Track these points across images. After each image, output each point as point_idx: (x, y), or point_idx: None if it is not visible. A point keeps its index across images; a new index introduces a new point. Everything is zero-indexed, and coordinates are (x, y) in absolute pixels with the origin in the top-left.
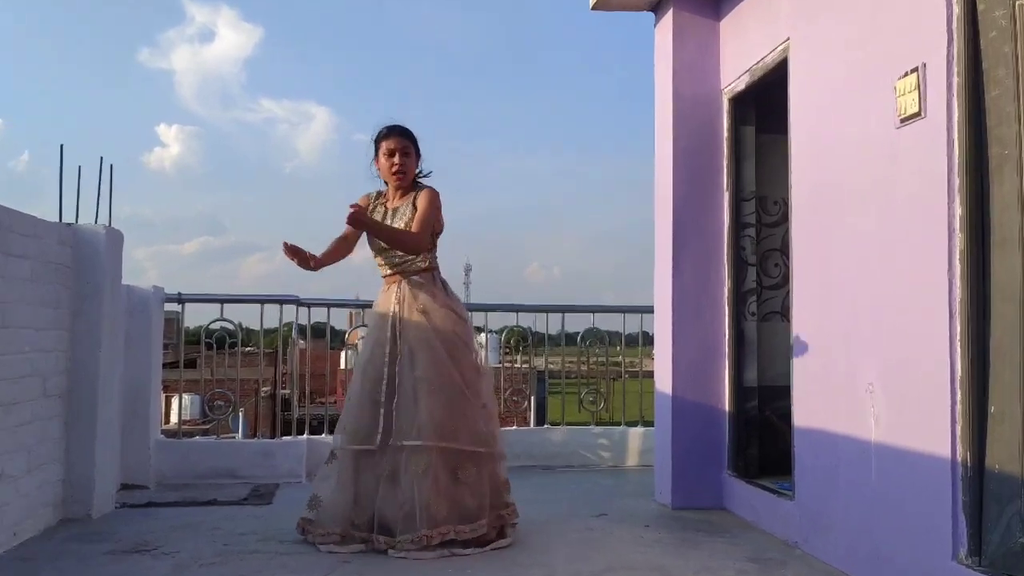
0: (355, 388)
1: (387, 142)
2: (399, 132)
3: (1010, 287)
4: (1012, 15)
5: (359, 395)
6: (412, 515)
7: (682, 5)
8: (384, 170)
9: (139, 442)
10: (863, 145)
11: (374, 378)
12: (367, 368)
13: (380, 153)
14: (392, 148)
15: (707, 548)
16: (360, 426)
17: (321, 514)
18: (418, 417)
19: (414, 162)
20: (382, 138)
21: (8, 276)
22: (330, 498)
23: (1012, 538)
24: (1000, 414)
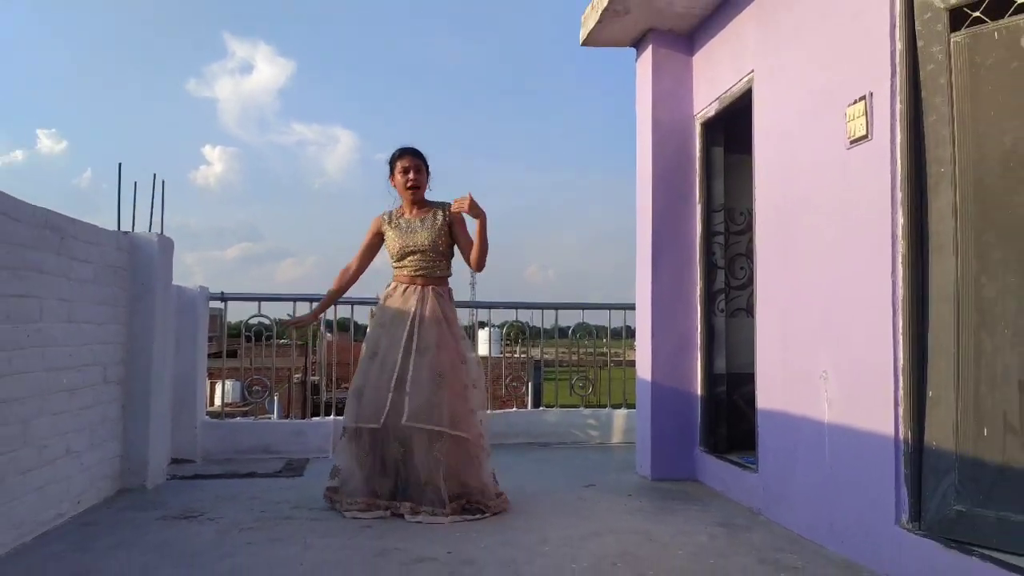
0: (370, 378)
1: (401, 161)
2: (411, 152)
3: (945, 288)
4: (947, 51)
5: (375, 383)
6: (432, 490)
7: (660, 42)
8: (400, 186)
9: (187, 422)
10: (818, 163)
11: (390, 367)
12: (385, 357)
13: (396, 171)
14: (407, 166)
15: (682, 514)
16: (374, 407)
17: (342, 483)
18: (438, 407)
19: (425, 178)
20: (396, 158)
21: (73, 278)
22: (349, 469)
23: (947, 506)
24: (937, 398)
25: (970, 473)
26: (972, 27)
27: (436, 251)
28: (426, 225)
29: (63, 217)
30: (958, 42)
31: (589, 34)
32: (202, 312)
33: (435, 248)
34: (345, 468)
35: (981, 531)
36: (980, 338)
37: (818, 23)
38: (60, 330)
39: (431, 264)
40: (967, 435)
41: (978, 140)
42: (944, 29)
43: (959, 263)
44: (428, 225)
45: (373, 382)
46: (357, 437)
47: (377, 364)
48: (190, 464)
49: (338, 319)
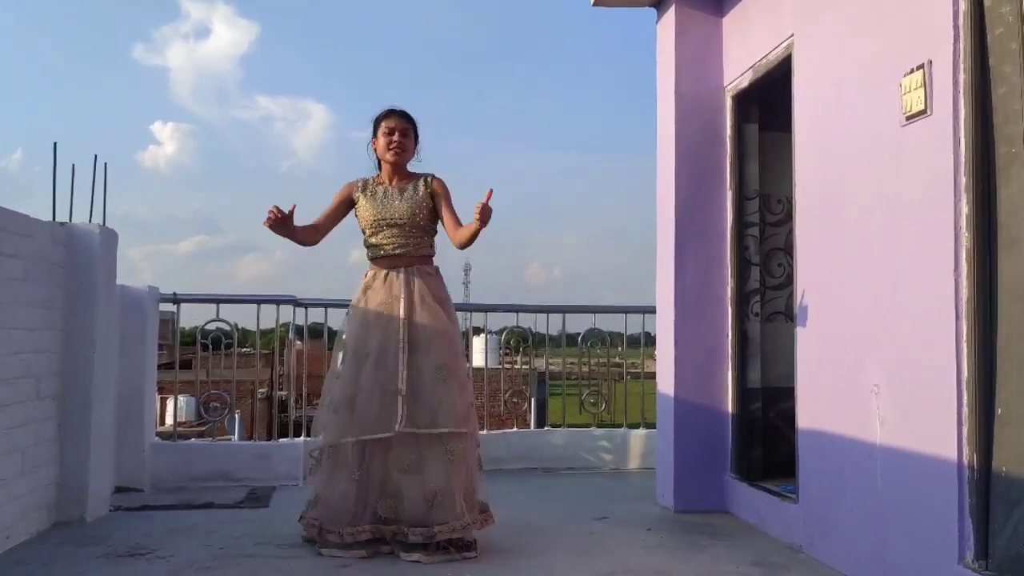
0: (362, 382)
1: (388, 121)
2: (400, 113)
3: (1018, 287)
4: (1019, 11)
5: (372, 388)
6: (446, 504)
7: (684, 1)
8: (381, 147)
9: (134, 444)
10: (868, 143)
11: (391, 368)
12: (381, 358)
13: (379, 132)
14: (392, 127)
15: (710, 552)
16: (378, 416)
17: (325, 513)
18: (444, 404)
19: (412, 144)
20: (383, 118)
21: (0, 276)
22: (335, 495)
23: (1019, 541)
24: (1007, 416)
25: None
26: None
27: (416, 225)
28: (406, 196)
29: None
30: None
31: None
32: (151, 316)
33: (414, 222)
34: (331, 494)
35: None
36: None
37: None
38: None
39: (411, 240)
40: None
41: None
42: None
43: None
44: (408, 196)
45: (368, 388)
46: (339, 455)
47: (370, 367)
48: (137, 493)
49: (310, 323)
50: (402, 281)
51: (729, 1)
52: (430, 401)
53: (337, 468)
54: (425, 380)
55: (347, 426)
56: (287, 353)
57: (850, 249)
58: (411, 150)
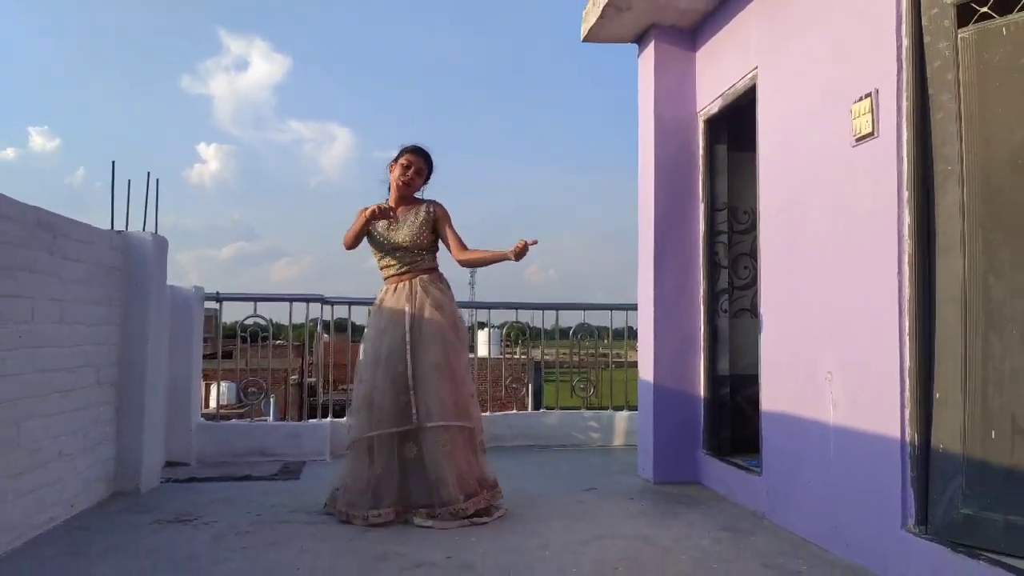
0: (379, 384)
1: (408, 156)
2: (421, 154)
3: (953, 288)
4: (955, 46)
5: (387, 388)
6: (443, 489)
7: (662, 38)
8: (394, 178)
9: (182, 424)
10: (823, 161)
11: (400, 369)
12: (389, 360)
13: (398, 163)
14: (409, 163)
15: (685, 518)
16: (392, 411)
17: (353, 498)
18: (438, 400)
19: (421, 183)
20: (408, 151)
21: (65, 278)
22: (362, 483)
23: (955, 509)
24: (944, 400)
25: (978, 476)
26: (980, 23)
27: (418, 247)
28: (407, 222)
29: (55, 216)
30: (965, 38)
31: (590, 30)
32: (197, 312)
33: (416, 245)
34: (356, 481)
35: (989, 535)
36: (988, 339)
37: (823, 18)
38: (52, 331)
39: (416, 259)
40: (975, 438)
41: (986, 138)
42: (951, 25)
43: (967, 263)
44: (410, 222)
45: (383, 387)
46: (371, 446)
47: (382, 369)
48: (185, 467)
49: (335, 319)
50: (407, 292)
51: (701, 37)
52: (428, 396)
53: (362, 459)
54: (425, 377)
55: (368, 423)
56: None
57: (807, 254)
58: (417, 186)
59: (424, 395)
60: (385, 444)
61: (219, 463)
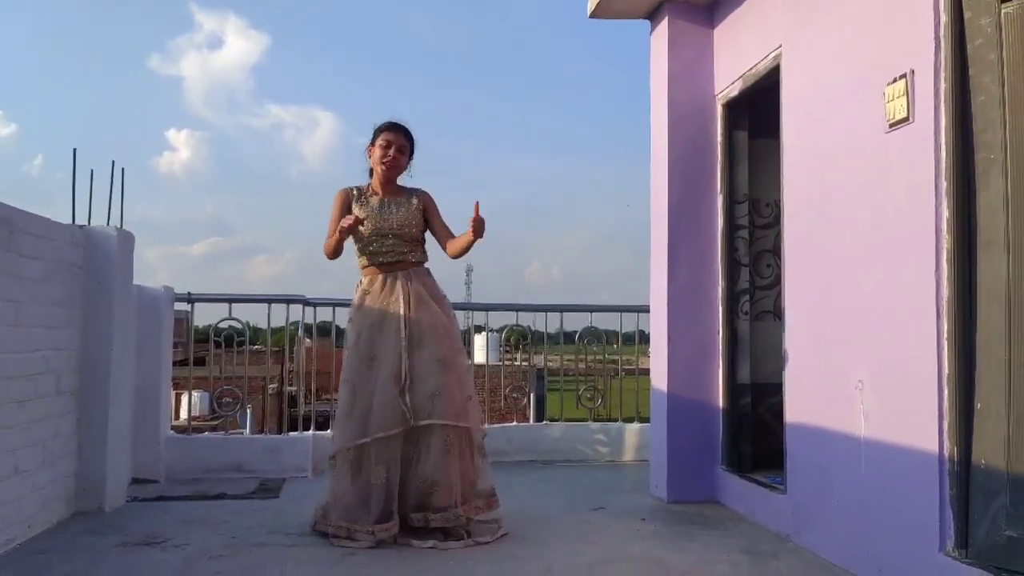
0: (377, 382)
1: (387, 134)
2: (400, 129)
3: (995, 287)
4: (998, 23)
5: (386, 385)
6: (437, 493)
7: (677, 13)
8: (375, 158)
9: (150, 438)
10: (853, 149)
11: (397, 366)
12: (387, 358)
13: (377, 142)
14: (389, 141)
15: (702, 540)
16: (389, 413)
17: (352, 513)
18: (440, 397)
19: (406, 161)
20: (384, 130)
21: (22, 276)
22: (353, 492)
23: (998, 530)
24: (986, 410)
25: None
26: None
27: (410, 236)
28: (401, 208)
29: (11, 209)
30: (1009, 13)
31: (598, 4)
32: (166, 314)
33: (410, 233)
34: (347, 494)
35: None
36: None
37: None
38: (7, 335)
39: (406, 249)
40: (1020, 451)
41: None
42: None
43: (1011, 260)
44: (404, 209)
45: (381, 388)
46: (364, 455)
47: (378, 368)
48: (153, 484)
49: (318, 322)
50: (400, 283)
51: (720, 13)
52: (429, 391)
53: (351, 470)
54: (424, 371)
55: (361, 428)
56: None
57: (836, 251)
58: (403, 166)
59: (423, 392)
60: (384, 450)
61: (190, 480)
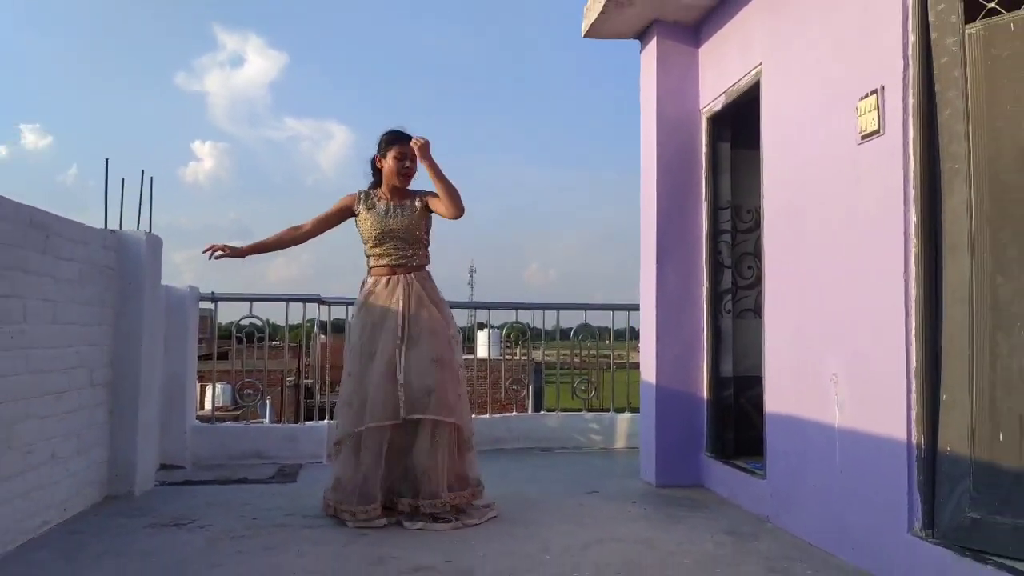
0: (372, 376)
1: (400, 146)
2: (409, 138)
3: (960, 288)
4: (962, 42)
5: (381, 380)
6: (427, 483)
7: (665, 34)
8: (391, 170)
9: (177, 427)
10: (828, 159)
11: (389, 362)
12: (383, 353)
13: (389, 155)
14: (404, 152)
15: (688, 522)
16: (383, 405)
17: (344, 494)
18: (434, 393)
19: (417, 168)
20: (395, 142)
21: (58, 277)
22: (354, 478)
23: (962, 513)
24: (951, 402)
25: (985, 479)
26: (987, 18)
27: (415, 238)
28: (406, 211)
29: (48, 214)
30: (972, 34)
31: (592, 26)
32: (192, 313)
33: (414, 235)
34: (348, 478)
35: (997, 539)
36: (996, 340)
37: (828, 14)
38: (45, 331)
39: (409, 252)
40: (982, 440)
41: (994, 135)
42: (958, 20)
43: (974, 262)
44: (408, 211)
45: (377, 381)
46: (360, 441)
47: (376, 362)
48: (179, 470)
49: (332, 319)
50: (402, 285)
51: (705, 34)
52: (424, 387)
53: (353, 455)
54: (420, 369)
55: (359, 417)
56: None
57: (812, 253)
58: (414, 174)
59: (418, 388)
60: (374, 439)
61: (214, 466)
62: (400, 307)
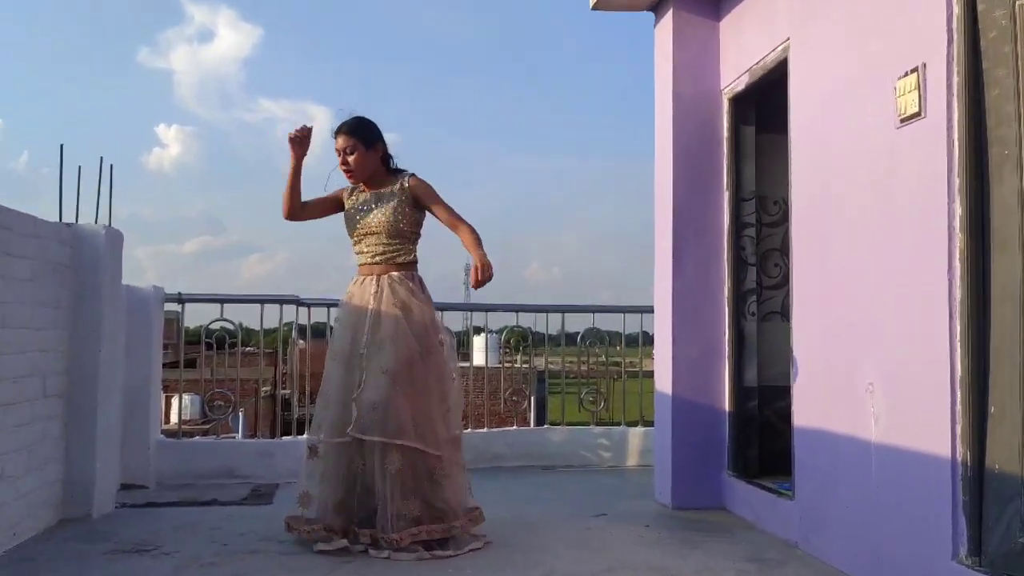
0: (334, 382)
1: (335, 142)
2: (343, 131)
3: (1010, 288)
4: (1012, 15)
5: (339, 389)
6: (387, 513)
7: (682, 5)
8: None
9: (139, 442)
10: (863, 145)
11: (352, 370)
12: (349, 361)
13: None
14: (338, 148)
15: (707, 548)
16: (341, 419)
17: (312, 510)
18: (387, 413)
19: (363, 157)
20: (334, 137)
21: (7, 276)
22: (321, 493)
23: (1012, 538)
24: (1000, 414)
25: None
26: None
27: (395, 232)
28: (382, 202)
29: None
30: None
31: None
32: (156, 315)
33: (393, 229)
34: (318, 495)
35: None
36: None
37: None
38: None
39: (390, 249)
40: None
41: None
42: None
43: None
44: (385, 202)
45: (336, 389)
46: (319, 453)
47: (339, 367)
48: (142, 490)
49: (312, 323)
50: (372, 289)
51: (726, 5)
52: (370, 403)
53: (314, 465)
54: (371, 382)
55: (322, 427)
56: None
57: (845, 250)
58: (366, 166)
59: (366, 404)
60: (332, 454)
61: (181, 485)
62: (368, 309)
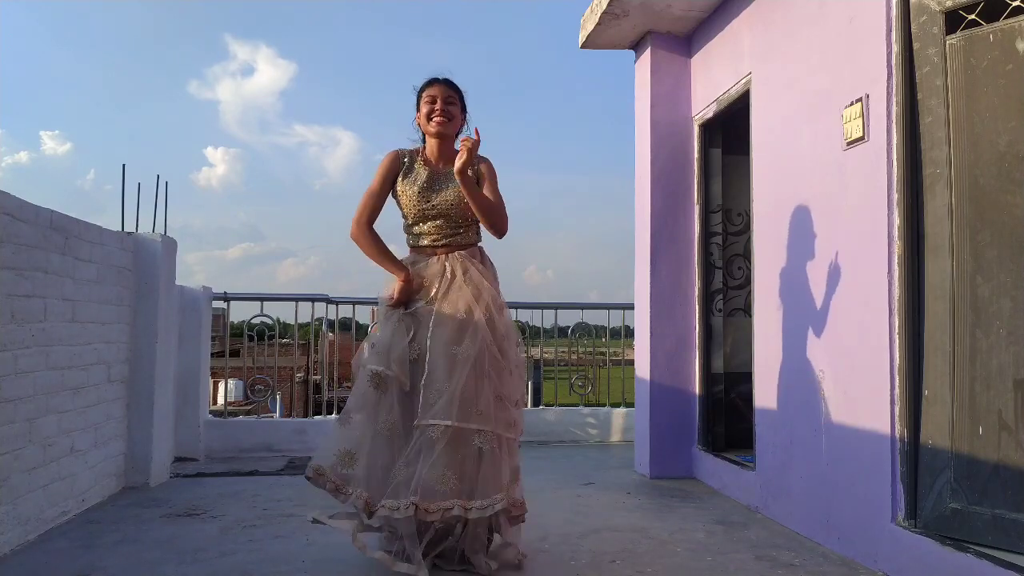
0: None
1: (430, 90)
2: (444, 81)
3: (941, 287)
4: (943, 53)
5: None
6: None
7: (659, 44)
8: (423, 119)
9: (190, 421)
10: (815, 165)
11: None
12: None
13: (422, 103)
14: (434, 95)
15: (680, 512)
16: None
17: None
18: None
19: (460, 113)
20: (425, 87)
21: (77, 278)
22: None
23: (943, 503)
24: (933, 397)
25: (965, 471)
26: (967, 29)
27: (464, 215)
28: (452, 183)
29: (68, 218)
30: (953, 44)
31: (588, 37)
32: (205, 312)
33: (464, 212)
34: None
35: (976, 529)
36: (975, 337)
37: (814, 26)
38: (64, 330)
39: (459, 231)
40: (962, 433)
41: (973, 141)
42: (940, 31)
43: (954, 263)
44: (455, 182)
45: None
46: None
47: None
48: (193, 462)
49: (340, 318)
50: (437, 267)
51: (696, 44)
52: (437, 391)
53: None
54: (435, 366)
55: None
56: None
57: (799, 255)
58: (459, 119)
59: (432, 388)
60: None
61: (226, 458)
62: (434, 288)
